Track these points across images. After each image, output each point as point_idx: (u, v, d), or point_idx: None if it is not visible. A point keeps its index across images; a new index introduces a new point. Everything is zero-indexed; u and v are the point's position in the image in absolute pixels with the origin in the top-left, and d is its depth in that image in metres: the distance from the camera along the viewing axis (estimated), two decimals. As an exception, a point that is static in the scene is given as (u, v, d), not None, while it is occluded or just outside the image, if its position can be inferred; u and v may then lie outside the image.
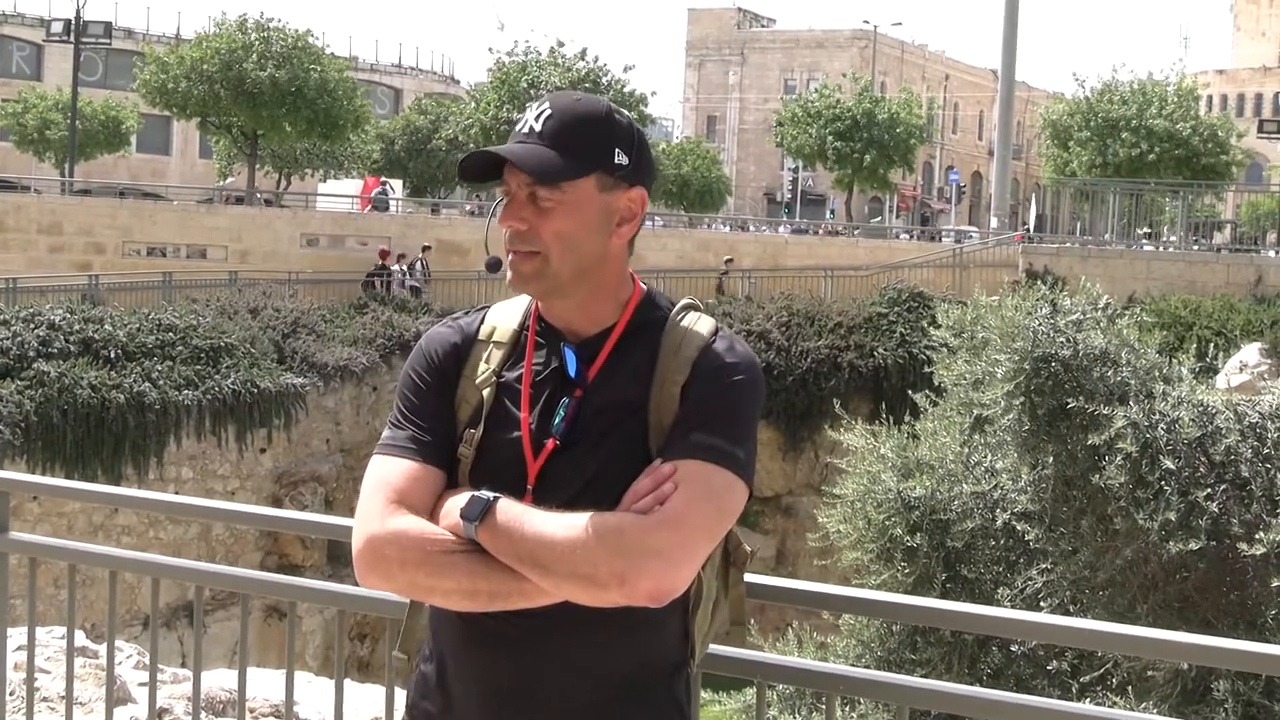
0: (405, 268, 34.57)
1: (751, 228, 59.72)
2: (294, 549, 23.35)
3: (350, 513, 2.67)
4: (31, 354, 21.08)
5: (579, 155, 2.56)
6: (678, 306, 2.69)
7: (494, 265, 2.66)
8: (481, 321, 2.72)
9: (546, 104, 2.59)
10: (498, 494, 2.47)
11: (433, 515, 2.53)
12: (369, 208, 48.22)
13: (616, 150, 2.60)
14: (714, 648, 2.72)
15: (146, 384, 21.75)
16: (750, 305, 30.54)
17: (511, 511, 2.45)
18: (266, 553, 23.28)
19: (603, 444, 2.54)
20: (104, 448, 21.08)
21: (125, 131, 57.77)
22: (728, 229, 56.48)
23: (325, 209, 47.90)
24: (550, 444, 2.55)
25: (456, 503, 2.50)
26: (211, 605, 17.06)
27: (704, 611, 2.63)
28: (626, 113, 2.70)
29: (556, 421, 2.56)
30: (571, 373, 2.59)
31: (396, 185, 54.63)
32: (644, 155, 2.67)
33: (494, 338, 2.67)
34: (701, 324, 2.65)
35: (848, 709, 8.81)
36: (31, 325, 21.81)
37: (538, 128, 2.57)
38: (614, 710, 2.55)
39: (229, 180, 58.71)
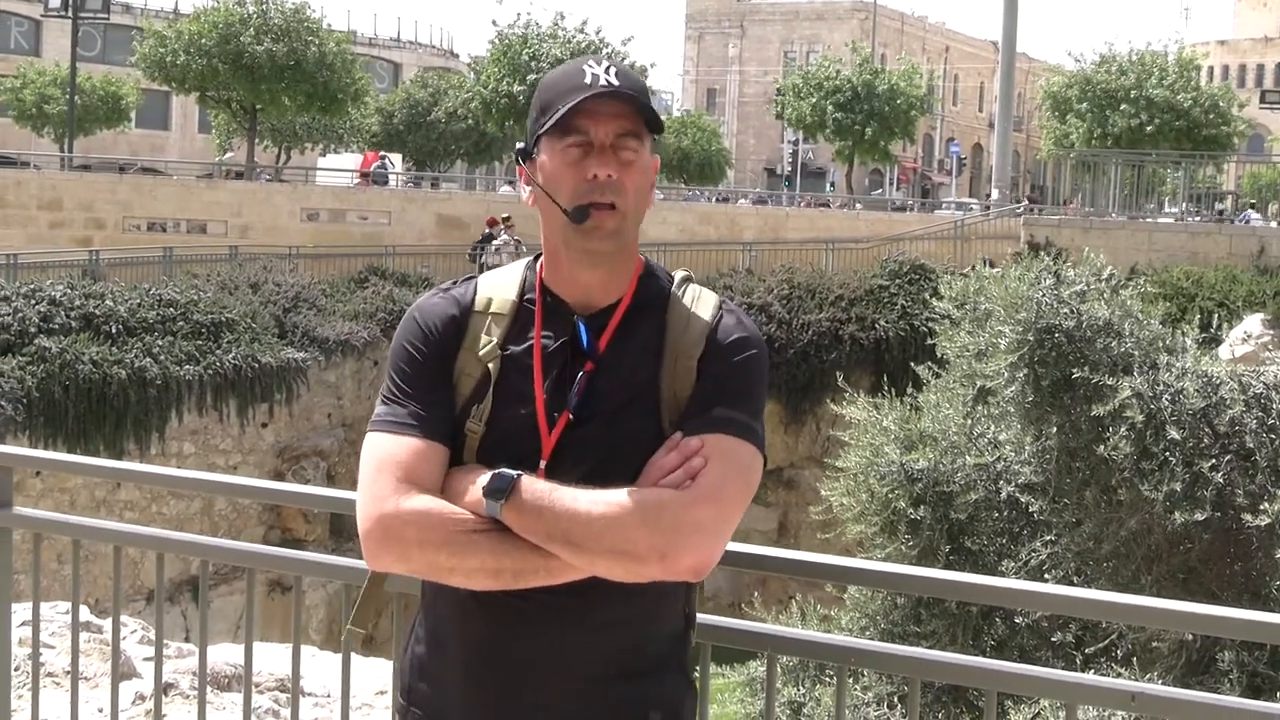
0: (515, 238, 33.93)
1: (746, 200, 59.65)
2: (297, 523, 23.38)
3: (353, 486, 2.63)
4: (32, 330, 21.08)
5: (655, 111, 2.57)
6: (677, 278, 2.68)
7: (583, 213, 2.53)
8: (475, 291, 2.66)
9: (606, 62, 2.55)
10: (519, 471, 2.44)
11: (442, 492, 2.50)
12: (369, 182, 48.15)
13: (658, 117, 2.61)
14: (724, 620, 2.72)
15: (148, 359, 21.75)
16: (751, 278, 30.50)
17: (537, 489, 2.42)
18: (269, 527, 23.31)
19: (616, 418, 2.52)
20: (105, 423, 21.09)
21: (124, 107, 57.67)
22: (747, 201, 56.46)
23: (325, 183, 47.82)
24: (564, 418, 2.53)
25: (470, 479, 2.47)
26: (214, 580, 17.03)
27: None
28: None
29: (569, 395, 2.54)
30: (585, 346, 2.57)
31: (396, 160, 54.54)
32: None
33: (492, 309, 2.62)
34: (706, 297, 2.64)
35: (850, 681, 8.83)
36: (32, 301, 21.80)
37: (615, 81, 2.52)
38: (626, 682, 2.55)
39: (228, 155, 58.59)
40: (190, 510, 21.80)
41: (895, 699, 8.64)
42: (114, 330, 21.94)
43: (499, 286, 2.66)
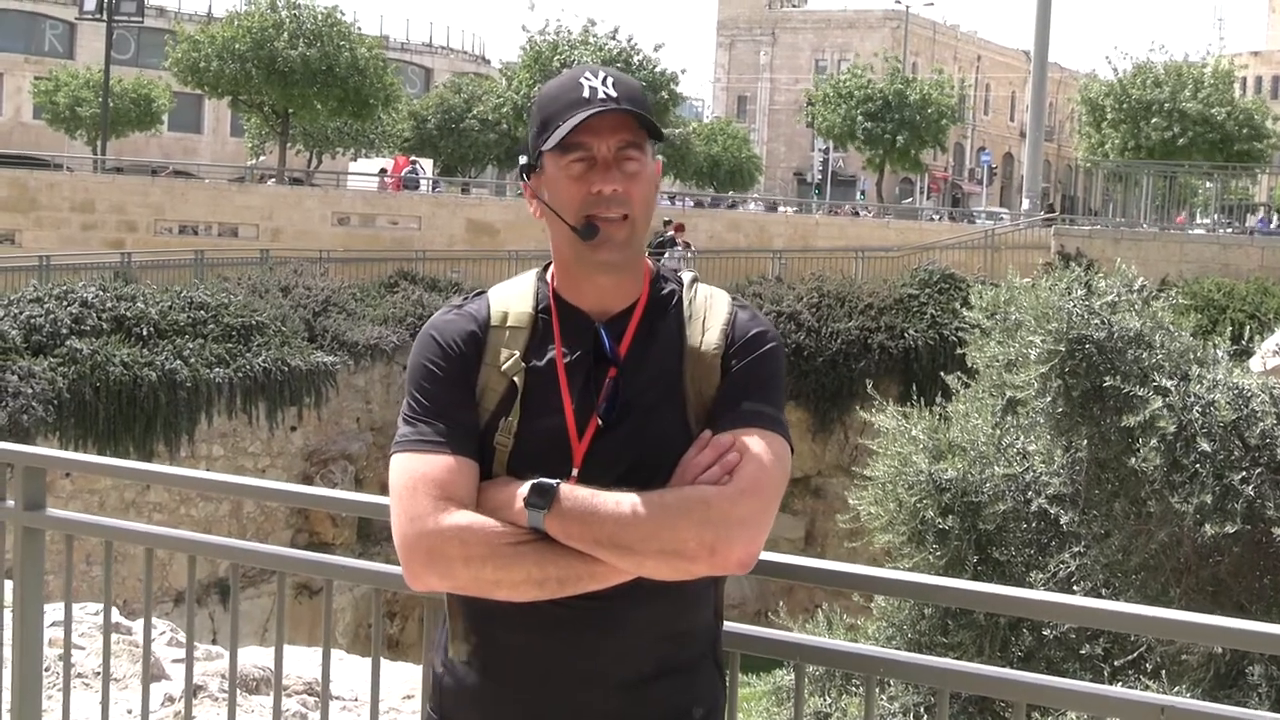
0: (684, 241, 33.78)
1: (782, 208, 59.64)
2: (325, 527, 23.44)
3: (380, 491, 2.63)
4: (64, 331, 21.18)
5: (652, 121, 2.58)
6: (686, 279, 2.70)
7: (592, 231, 2.56)
8: (488, 306, 2.66)
9: (602, 72, 2.56)
10: (556, 480, 2.45)
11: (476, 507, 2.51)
12: (399, 186, 48.29)
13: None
14: (753, 629, 2.73)
15: (178, 361, 21.84)
16: (780, 286, 30.47)
17: (579, 495, 2.43)
18: (297, 530, 23.38)
19: (644, 420, 2.54)
20: (136, 425, 21.19)
21: (157, 110, 57.97)
22: (758, 206, 56.41)
23: (356, 188, 47.99)
24: (594, 424, 2.54)
25: (506, 492, 2.47)
26: (241, 583, 17.06)
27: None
28: None
29: (596, 401, 2.55)
30: (609, 352, 2.58)
31: (427, 164, 54.67)
32: None
33: (509, 323, 2.62)
34: (718, 295, 2.66)
35: (875, 691, 8.82)
36: (64, 303, 21.91)
37: (613, 93, 2.54)
38: (667, 679, 2.56)
39: (260, 159, 58.84)
40: (219, 513, 21.88)
41: (921, 709, 8.63)
42: (145, 332, 22.03)
43: (512, 299, 2.67)
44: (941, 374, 10.32)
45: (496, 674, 2.59)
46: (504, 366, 2.59)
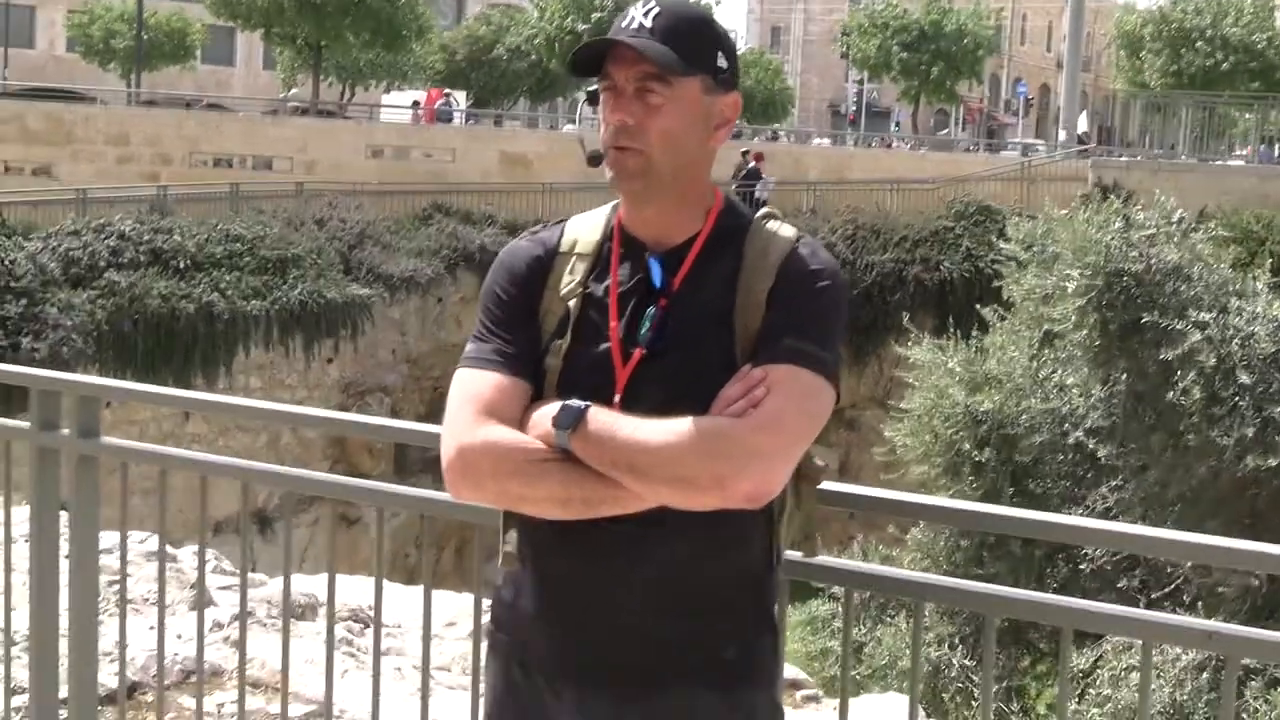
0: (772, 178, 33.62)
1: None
2: (361, 457, 23.60)
3: (417, 421, 2.69)
4: (102, 264, 21.34)
5: (690, 53, 2.56)
6: (759, 214, 2.69)
7: (596, 159, 2.62)
8: (561, 234, 2.71)
9: (654, 3, 2.58)
10: (588, 402, 2.50)
11: (522, 426, 2.56)
12: (433, 118, 48.23)
13: (719, 53, 2.61)
14: (797, 556, 2.74)
15: (215, 294, 21.97)
16: (815, 218, 30.35)
17: (603, 418, 2.46)
18: (334, 461, 23.55)
19: (689, 352, 2.55)
20: (174, 357, 21.38)
21: (190, 44, 57.92)
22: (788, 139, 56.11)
23: (390, 120, 47.91)
24: (638, 353, 2.56)
25: (547, 412, 2.52)
26: (278, 514, 17.25)
27: (786, 521, 2.65)
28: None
29: (643, 330, 2.57)
30: (657, 282, 2.60)
31: (460, 97, 54.51)
32: (738, 62, 2.69)
33: (576, 250, 2.67)
34: (784, 230, 2.64)
35: (910, 622, 8.86)
36: (102, 235, 22.05)
37: (647, 24, 2.55)
38: (703, 620, 2.58)
39: (292, 91, 58.77)
40: (257, 444, 22.03)
41: (956, 639, 8.69)
42: (182, 265, 22.16)
43: (584, 228, 2.71)
44: (977, 307, 10.31)
45: (537, 593, 2.64)
46: (563, 291, 2.64)
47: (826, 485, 2.70)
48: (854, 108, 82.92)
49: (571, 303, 2.62)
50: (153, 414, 19.88)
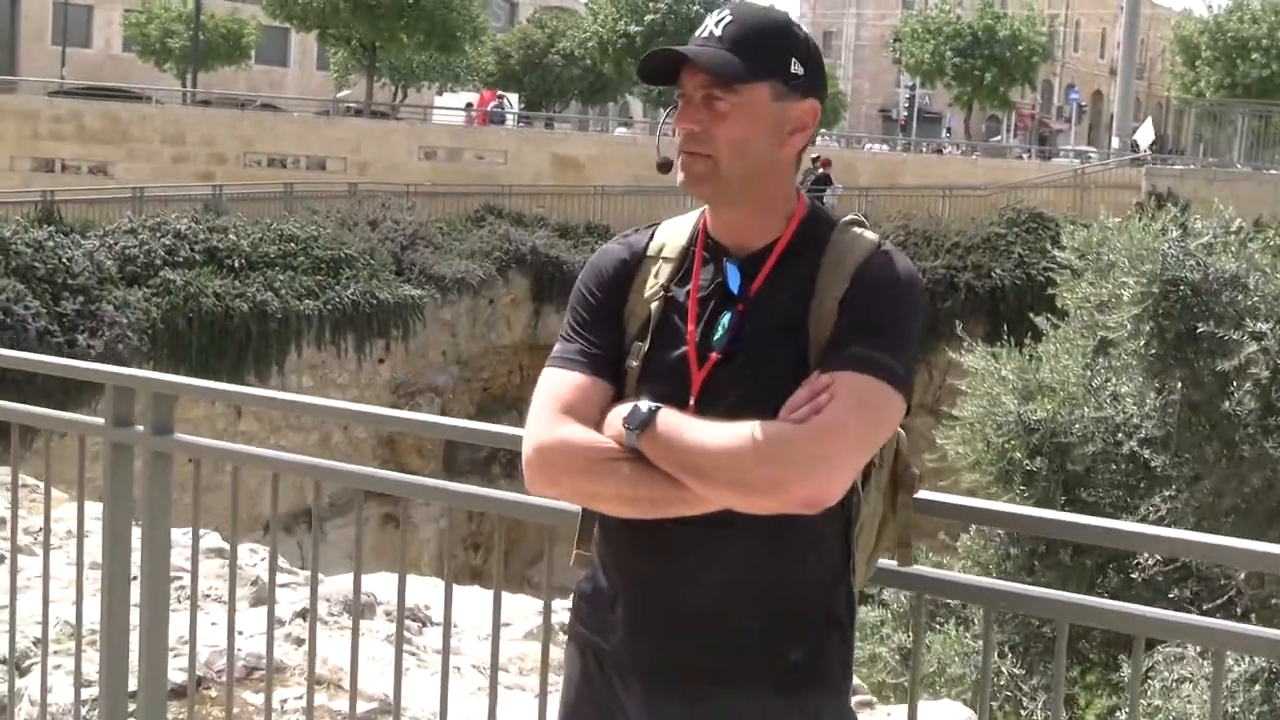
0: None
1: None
2: (411, 457, 23.70)
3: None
4: (158, 262, 21.53)
5: (757, 60, 2.58)
6: (842, 221, 2.70)
7: (665, 166, 2.68)
8: (651, 238, 2.76)
9: (728, 12, 2.62)
10: (659, 404, 2.54)
11: (599, 426, 2.61)
12: (485, 120, 48.39)
13: (793, 60, 2.62)
14: (896, 566, 2.77)
15: (269, 293, 22.14)
16: (866, 224, 30.24)
17: (672, 420, 2.50)
18: (384, 461, 23.65)
19: (763, 357, 2.58)
20: (228, 355, 21.55)
21: (245, 44, 58.37)
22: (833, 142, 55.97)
23: (442, 122, 48.10)
24: (713, 357, 2.60)
25: (620, 412, 2.57)
26: (329, 513, 17.39)
27: (869, 531, 2.66)
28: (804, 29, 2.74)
29: (719, 335, 2.61)
30: (734, 288, 2.63)
31: (513, 99, 54.69)
32: (819, 69, 2.69)
33: (663, 254, 2.72)
34: (865, 238, 2.65)
35: (961, 629, 8.86)
36: (158, 234, 22.25)
37: (718, 33, 2.60)
38: (772, 626, 2.61)
39: (346, 92, 59.11)
40: (308, 442, 22.17)
41: (1005, 648, 8.68)
42: (236, 264, 22.34)
43: (673, 232, 2.76)
44: (1030, 314, 10.29)
45: (616, 592, 2.69)
46: (646, 294, 2.69)
47: (923, 494, 2.72)
48: (905, 113, 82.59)
49: (654, 305, 2.67)
50: (206, 411, 20.04)
